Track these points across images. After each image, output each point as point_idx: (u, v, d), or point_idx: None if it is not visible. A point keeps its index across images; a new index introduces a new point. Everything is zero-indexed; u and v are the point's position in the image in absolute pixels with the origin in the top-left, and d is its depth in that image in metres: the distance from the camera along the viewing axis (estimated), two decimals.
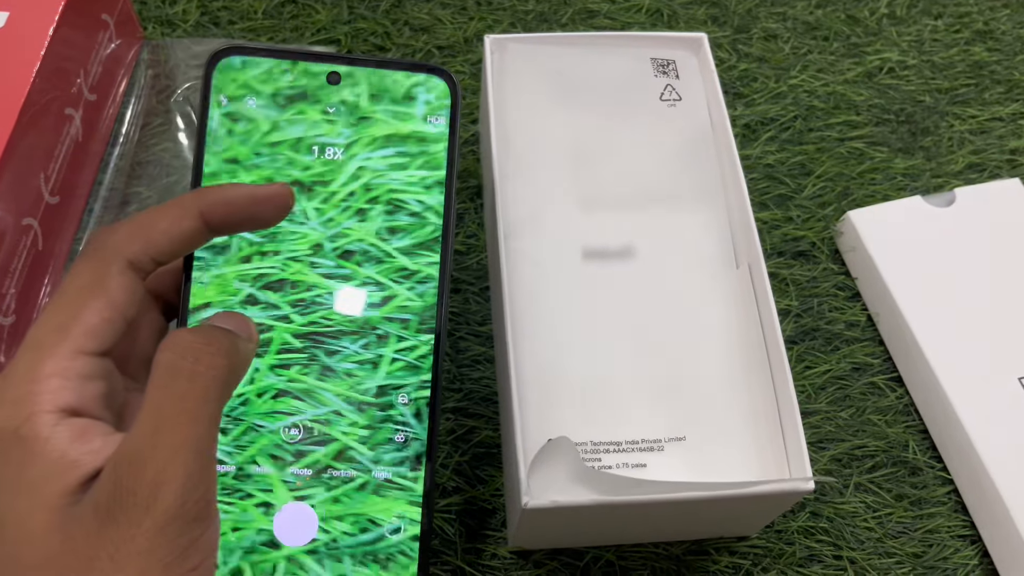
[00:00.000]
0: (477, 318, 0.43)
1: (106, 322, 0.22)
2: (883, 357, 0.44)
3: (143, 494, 0.19)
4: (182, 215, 0.24)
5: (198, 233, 0.24)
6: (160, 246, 0.24)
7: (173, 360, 0.21)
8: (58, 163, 0.42)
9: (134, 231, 0.23)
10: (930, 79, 0.53)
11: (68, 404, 0.21)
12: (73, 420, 0.21)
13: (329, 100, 0.29)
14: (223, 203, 0.24)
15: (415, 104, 0.29)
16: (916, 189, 0.49)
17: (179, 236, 0.24)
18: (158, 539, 0.19)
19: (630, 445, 0.35)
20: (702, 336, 0.37)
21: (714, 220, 0.39)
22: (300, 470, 0.28)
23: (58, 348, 0.22)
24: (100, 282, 0.23)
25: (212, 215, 0.24)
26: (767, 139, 0.49)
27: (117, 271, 0.23)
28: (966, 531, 0.39)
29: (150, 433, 0.20)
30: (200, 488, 0.20)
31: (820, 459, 0.41)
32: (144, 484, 0.20)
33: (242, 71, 0.28)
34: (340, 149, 0.29)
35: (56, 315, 0.22)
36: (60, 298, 0.23)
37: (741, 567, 0.38)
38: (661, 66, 0.43)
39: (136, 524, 0.19)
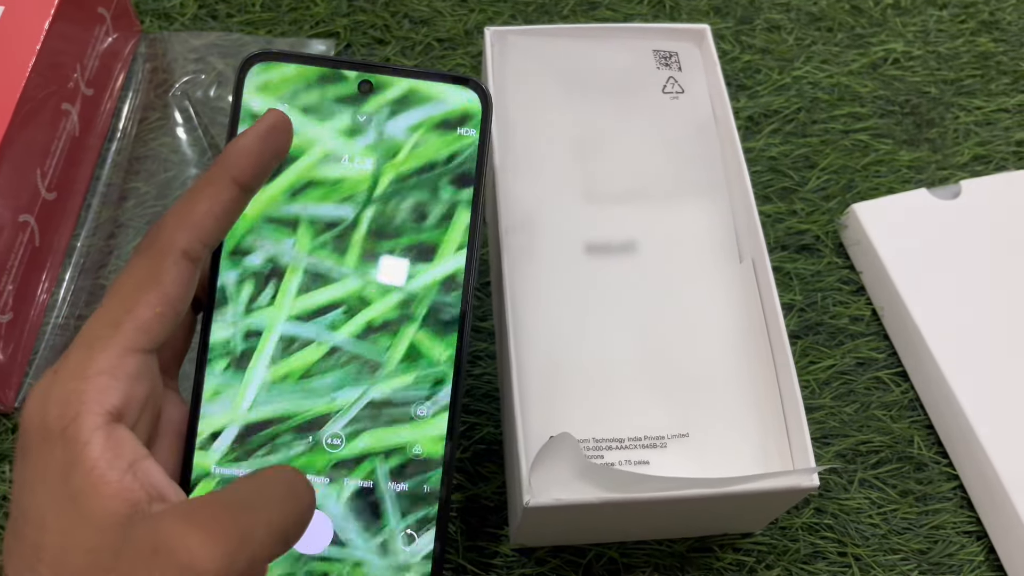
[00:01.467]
0: (478, 314, 0.42)
1: (158, 316, 0.23)
2: (888, 352, 0.43)
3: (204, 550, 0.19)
4: (218, 189, 0.24)
5: (237, 200, 0.25)
6: (207, 228, 0.24)
7: (290, 476, 0.22)
8: (55, 159, 0.42)
9: (180, 220, 0.24)
10: (935, 70, 0.52)
11: (114, 406, 0.21)
12: (111, 428, 0.21)
13: (360, 109, 0.28)
14: (248, 157, 0.24)
15: (446, 117, 0.29)
16: (921, 182, 0.48)
17: (222, 211, 0.24)
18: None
19: (633, 442, 0.34)
20: (705, 331, 0.36)
21: (717, 214, 0.39)
22: (316, 478, 0.27)
23: (109, 343, 0.22)
24: (155, 276, 0.23)
25: (243, 175, 0.24)
26: (770, 131, 0.49)
27: (171, 263, 0.23)
28: (972, 527, 0.39)
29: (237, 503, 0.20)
30: (251, 572, 0.20)
31: (824, 455, 0.40)
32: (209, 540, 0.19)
33: (274, 77, 0.28)
34: (370, 159, 0.28)
35: (110, 310, 0.22)
36: (115, 292, 0.23)
37: (745, 564, 0.37)
38: (664, 58, 0.42)
39: (179, 571, 0.19)
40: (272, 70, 0.28)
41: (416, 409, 0.28)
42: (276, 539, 0.21)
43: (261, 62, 0.28)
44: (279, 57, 0.28)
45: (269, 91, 0.28)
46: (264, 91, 0.28)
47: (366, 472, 0.27)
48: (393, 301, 0.28)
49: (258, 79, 0.28)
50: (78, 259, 0.43)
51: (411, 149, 0.29)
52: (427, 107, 0.29)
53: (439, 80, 0.29)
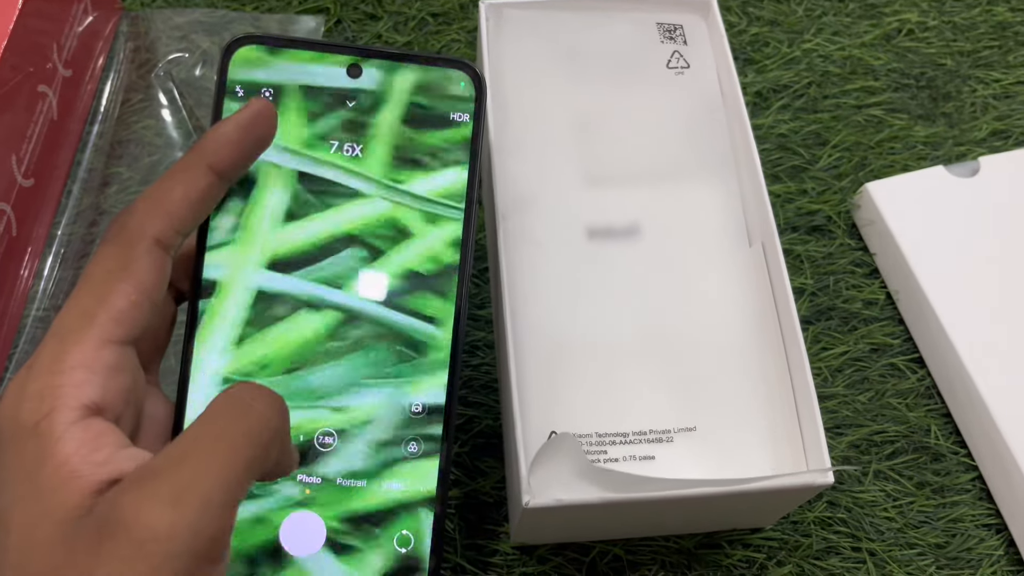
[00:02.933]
0: (476, 301, 0.41)
1: (134, 306, 0.22)
2: (903, 337, 0.42)
3: (151, 516, 0.18)
4: (194, 175, 0.23)
5: (214, 187, 0.24)
6: (182, 215, 0.23)
7: (230, 394, 0.20)
8: (32, 144, 0.40)
9: (152, 207, 0.23)
10: (951, 41, 0.50)
11: (91, 400, 0.20)
12: (89, 422, 0.20)
13: (349, 94, 0.27)
14: (227, 145, 0.24)
15: (438, 100, 0.28)
16: (938, 158, 0.46)
17: (198, 198, 0.23)
18: (160, 570, 0.18)
19: (637, 436, 0.33)
20: (713, 319, 0.35)
21: (725, 195, 0.37)
22: (309, 478, 0.26)
23: (84, 336, 0.21)
24: (126, 265, 0.22)
25: (221, 162, 0.24)
26: (780, 107, 0.47)
27: (143, 251, 0.22)
28: (991, 520, 0.38)
29: (177, 457, 0.19)
30: (218, 521, 0.19)
31: (837, 445, 0.39)
32: (157, 505, 0.18)
33: (258, 61, 0.27)
34: (359, 145, 0.27)
35: (81, 301, 0.21)
36: (85, 283, 0.22)
37: (755, 561, 0.36)
38: (668, 31, 0.40)
39: (139, 545, 0.18)
40: (257, 54, 0.27)
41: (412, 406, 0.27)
42: (241, 474, 0.19)
43: (245, 45, 0.27)
44: (264, 41, 0.27)
45: (254, 76, 0.27)
46: (249, 76, 0.27)
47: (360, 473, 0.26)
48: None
49: (243, 64, 0.27)
50: (59, 248, 0.41)
51: (402, 134, 0.28)
52: (419, 91, 0.28)
53: (431, 63, 0.28)
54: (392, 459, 0.27)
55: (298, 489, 0.26)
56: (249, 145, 0.24)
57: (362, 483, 0.26)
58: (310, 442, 0.26)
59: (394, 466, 0.27)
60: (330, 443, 0.27)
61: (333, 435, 0.27)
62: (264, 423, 0.20)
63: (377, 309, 0.27)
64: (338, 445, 0.26)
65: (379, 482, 0.26)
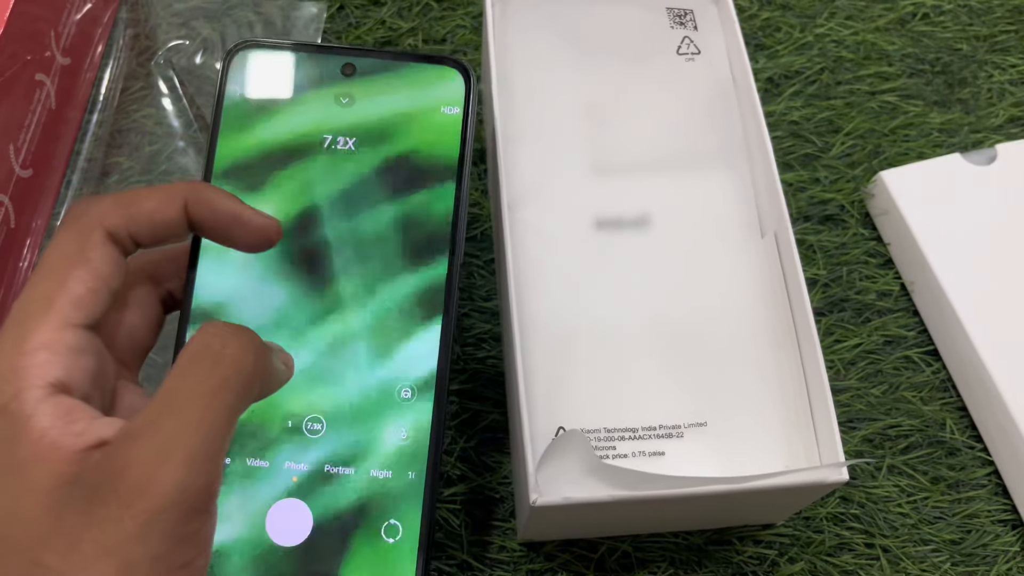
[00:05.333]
0: (482, 293, 0.40)
1: (91, 292, 0.22)
2: (918, 329, 0.41)
3: (137, 475, 0.18)
4: (168, 201, 0.23)
5: (180, 224, 0.24)
6: (141, 225, 0.23)
7: (200, 342, 0.20)
8: (29, 133, 0.39)
9: (117, 204, 0.23)
10: (967, 25, 0.49)
11: (57, 378, 0.20)
12: (59, 398, 0.20)
13: (343, 92, 0.29)
14: (208, 206, 0.24)
15: (429, 95, 0.29)
16: (954, 146, 0.45)
17: (161, 221, 0.23)
18: (150, 526, 0.18)
19: (647, 432, 0.32)
20: (724, 311, 0.34)
21: (736, 184, 0.36)
22: (296, 465, 0.26)
23: (45, 319, 0.21)
24: (82, 252, 0.22)
25: (194, 213, 0.24)
26: (792, 94, 0.46)
27: (98, 241, 0.22)
28: (1007, 515, 0.37)
29: (157, 413, 0.19)
30: (205, 475, 0.19)
31: (851, 440, 0.38)
32: (139, 463, 0.18)
33: (258, 64, 0.29)
34: (352, 141, 0.28)
35: (40, 286, 0.21)
36: (42, 269, 0.22)
37: (767, 557, 0.35)
38: (678, 16, 0.39)
39: (126, 504, 0.18)
40: (256, 58, 0.29)
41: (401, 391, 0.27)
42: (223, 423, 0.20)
43: (244, 50, 0.29)
44: (263, 45, 0.29)
45: (254, 80, 0.28)
46: (248, 79, 0.28)
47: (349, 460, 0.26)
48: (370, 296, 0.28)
49: (242, 68, 0.29)
50: None
51: (394, 130, 0.29)
52: (410, 88, 0.29)
53: (420, 61, 0.29)
54: (380, 446, 0.26)
55: (284, 477, 0.26)
56: (225, 232, 0.24)
57: (350, 470, 0.26)
58: (298, 428, 0.27)
59: (382, 453, 0.26)
60: (318, 429, 0.27)
61: (321, 421, 0.27)
62: (238, 367, 0.20)
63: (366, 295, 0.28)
64: (326, 431, 0.27)
65: (367, 469, 0.26)
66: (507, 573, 0.35)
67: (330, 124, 0.28)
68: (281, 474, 0.26)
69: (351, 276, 0.28)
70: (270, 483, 0.26)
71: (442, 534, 0.35)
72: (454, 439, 0.37)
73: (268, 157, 0.28)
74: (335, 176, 0.28)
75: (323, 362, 0.27)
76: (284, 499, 0.26)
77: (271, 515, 0.26)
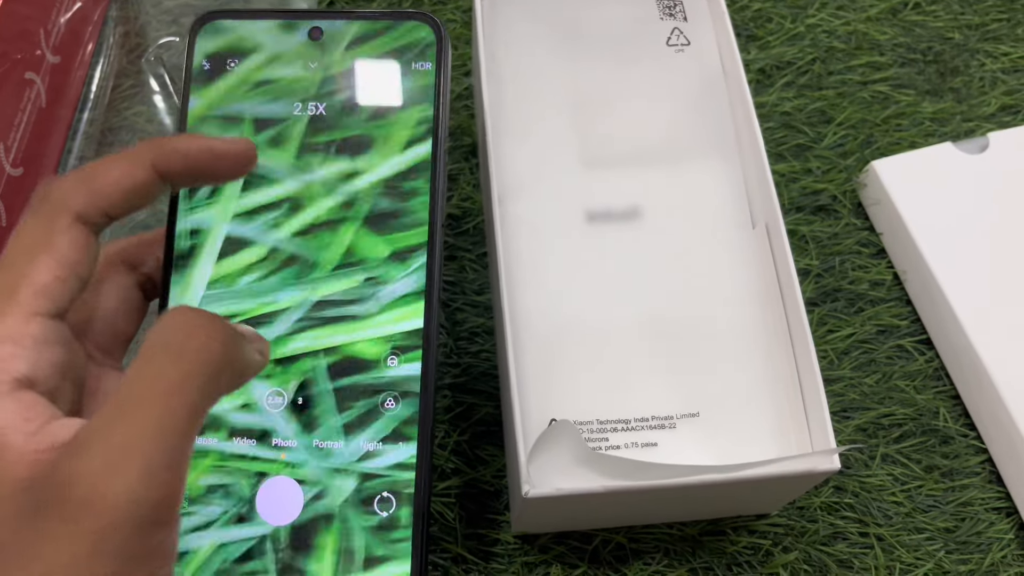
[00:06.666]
0: (474, 287, 0.40)
1: (58, 280, 0.21)
2: (911, 318, 0.41)
3: (86, 487, 0.17)
4: (133, 165, 0.22)
5: (151, 184, 0.23)
6: (111, 198, 0.22)
7: (160, 332, 0.19)
8: (19, 132, 0.39)
9: (80, 181, 0.22)
10: (959, 14, 0.49)
11: (22, 373, 0.19)
12: (21, 394, 0.19)
13: (311, 56, 0.28)
14: (179, 154, 0.23)
15: (400, 54, 0.28)
16: (946, 135, 0.45)
17: (131, 187, 0.22)
18: (104, 542, 0.17)
19: (639, 423, 0.32)
20: (716, 302, 0.34)
21: (727, 175, 0.36)
22: (284, 441, 0.26)
23: (8, 310, 0.20)
24: (47, 238, 0.21)
25: (167, 166, 0.23)
26: (783, 85, 0.46)
27: (64, 225, 0.21)
28: (1001, 503, 0.37)
29: (108, 417, 0.18)
30: (163, 487, 0.17)
31: (844, 429, 0.38)
32: (87, 474, 0.17)
33: (224, 35, 0.28)
34: (322, 104, 0.28)
35: (3, 276, 0.21)
36: (7, 257, 0.21)
37: (761, 547, 0.35)
38: (667, 7, 0.39)
39: (74, 522, 0.17)
40: (223, 29, 0.28)
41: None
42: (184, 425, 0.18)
43: (210, 21, 0.28)
44: (229, 15, 0.28)
45: (221, 50, 0.28)
46: (215, 49, 0.28)
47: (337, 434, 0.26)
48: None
49: (209, 39, 0.28)
50: None
51: (366, 90, 0.28)
52: (380, 47, 0.28)
53: (389, 19, 0.29)
54: (369, 418, 0.26)
55: (273, 454, 0.26)
56: (203, 170, 0.23)
57: (339, 444, 0.26)
58: (283, 402, 0.26)
59: (371, 425, 0.26)
60: (303, 403, 0.26)
61: (309, 394, 0.26)
62: (203, 360, 0.19)
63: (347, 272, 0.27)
64: (313, 404, 0.26)
65: (357, 443, 0.26)
66: (502, 566, 0.35)
67: (300, 90, 0.28)
68: (269, 451, 0.26)
69: (331, 247, 0.27)
70: (258, 460, 0.26)
71: (437, 527, 0.35)
72: (448, 433, 0.37)
73: (239, 129, 0.28)
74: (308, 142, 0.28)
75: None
76: (274, 477, 0.26)
77: (260, 494, 0.26)
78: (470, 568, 0.34)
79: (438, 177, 0.28)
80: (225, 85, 0.28)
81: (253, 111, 0.28)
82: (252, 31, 0.28)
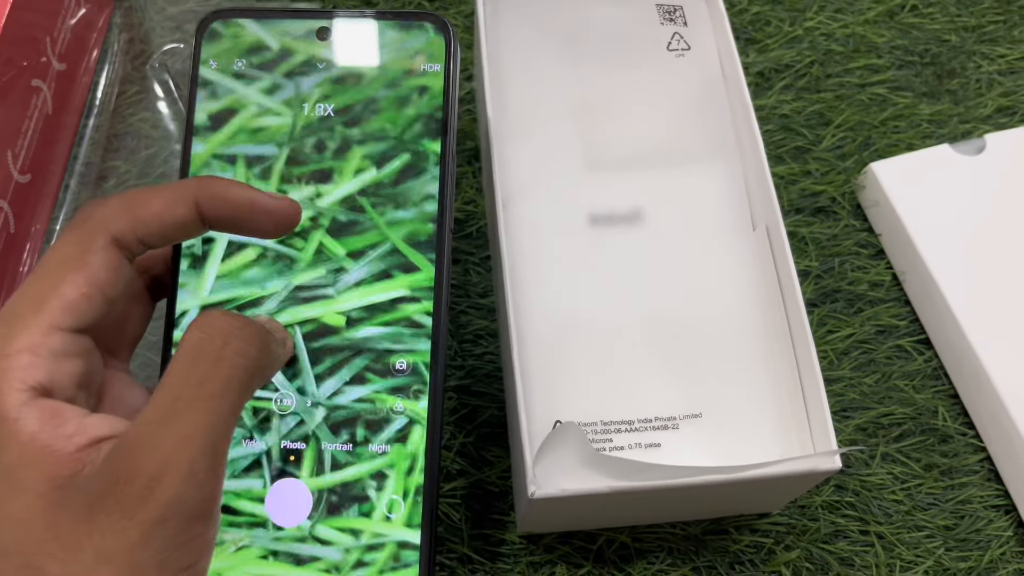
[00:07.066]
0: (478, 290, 0.40)
1: (84, 298, 0.21)
2: (910, 318, 0.41)
3: (140, 484, 0.18)
4: (177, 200, 0.23)
5: (191, 223, 0.23)
6: (150, 228, 0.22)
7: (200, 341, 0.20)
8: (27, 139, 0.39)
9: (124, 207, 0.22)
10: (956, 16, 0.49)
11: (38, 382, 0.20)
12: (43, 401, 0.20)
13: (319, 56, 0.28)
14: (222, 200, 0.23)
15: (408, 53, 0.28)
16: (943, 137, 0.45)
17: (171, 221, 0.23)
18: (152, 533, 0.18)
19: (643, 424, 0.33)
20: (717, 304, 0.34)
21: (728, 178, 0.37)
22: (293, 444, 0.26)
23: (32, 322, 0.21)
24: (82, 256, 0.22)
25: (208, 209, 0.23)
26: (782, 87, 0.46)
27: (101, 246, 0.22)
28: (1000, 501, 0.37)
29: (160, 419, 0.19)
30: (206, 485, 0.19)
31: (844, 429, 0.38)
32: (143, 473, 0.18)
33: (231, 34, 0.28)
34: (330, 105, 0.28)
35: (33, 287, 0.21)
36: (40, 269, 0.22)
37: (763, 546, 0.36)
38: (667, 13, 0.40)
39: (129, 515, 0.18)
40: (230, 28, 0.28)
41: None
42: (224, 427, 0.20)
43: (217, 20, 0.28)
44: (236, 14, 0.28)
45: (228, 50, 0.28)
46: (222, 50, 0.28)
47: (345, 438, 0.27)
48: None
49: (216, 39, 0.28)
50: None
51: (375, 91, 0.28)
52: (388, 48, 0.28)
53: (397, 19, 0.29)
54: (377, 419, 0.27)
55: (282, 456, 0.26)
56: (243, 221, 0.24)
57: (348, 446, 0.26)
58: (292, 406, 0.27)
59: (381, 427, 0.26)
60: (312, 406, 0.27)
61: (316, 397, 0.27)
62: (240, 365, 0.20)
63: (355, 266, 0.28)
64: (320, 407, 0.27)
65: (365, 445, 0.26)
66: (507, 566, 0.35)
67: (308, 90, 0.28)
68: (278, 453, 0.26)
69: (336, 246, 0.28)
70: (268, 464, 0.26)
71: (443, 528, 0.35)
72: (453, 434, 0.37)
73: (246, 128, 0.28)
74: (316, 143, 0.28)
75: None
76: (282, 479, 0.26)
77: (270, 496, 0.26)
78: (476, 568, 0.35)
79: (447, 173, 0.28)
80: (233, 86, 0.28)
81: (260, 112, 0.28)
82: (259, 30, 0.28)
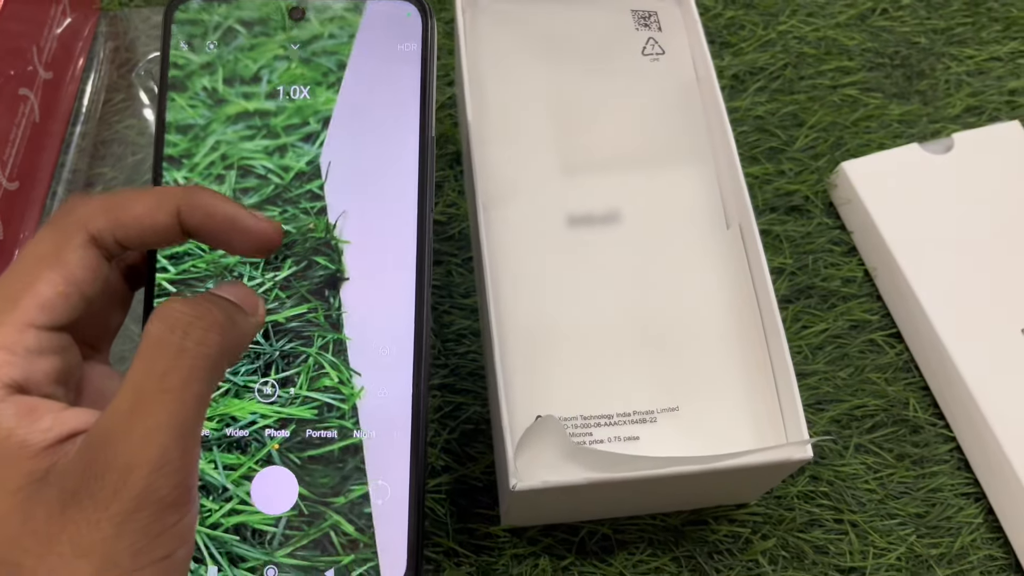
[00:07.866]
0: (461, 290, 0.41)
1: (61, 296, 0.21)
2: (881, 313, 0.42)
3: (112, 477, 0.18)
4: (159, 206, 0.22)
5: (171, 231, 0.23)
6: (128, 230, 0.22)
7: (159, 333, 0.20)
8: (14, 147, 0.40)
9: (105, 207, 0.22)
10: (925, 19, 0.51)
11: (13, 380, 0.20)
12: (18, 398, 0.20)
13: (292, 37, 0.28)
14: (203, 211, 0.23)
15: (384, 33, 0.28)
16: (912, 136, 0.47)
17: (151, 226, 0.22)
18: (126, 525, 0.18)
19: (622, 418, 0.33)
20: (693, 301, 0.35)
21: (702, 178, 0.38)
22: (278, 431, 0.26)
23: (6, 319, 0.21)
24: (58, 253, 0.21)
25: (189, 219, 0.23)
26: (756, 90, 0.48)
27: (78, 244, 0.22)
28: (970, 489, 0.38)
29: (125, 412, 0.19)
30: (178, 474, 0.19)
31: (818, 421, 0.39)
32: (114, 466, 0.18)
33: (201, 16, 0.28)
34: (306, 88, 0.28)
35: (9, 285, 0.21)
36: (17, 266, 0.21)
37: (740, 535, 0.37)
38: (642, 18, 0.41)
39: (102, 508, 0.18)
40: (199, 11, 0.28)
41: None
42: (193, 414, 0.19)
43: (186, 3, 0.28)
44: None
45: (198, 33, 0.28)
46: (193, 34, 0.28)
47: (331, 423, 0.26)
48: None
49: (186, 22, 0.28)
50: None
51: (350, 72, 0.27)
52: (363, 28, 0.28)
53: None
54: (364, 404, 0.26)
55: (267, 443, 0.26)
56: (221, 236, 0.23)
57: (332, 433, 0.26)
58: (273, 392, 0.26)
59: (367, 411, 0.26)
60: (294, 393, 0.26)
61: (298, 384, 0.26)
62: (202, 354, 0.20)
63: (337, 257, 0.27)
64: (304, 394, 0.26)
65: (350, 431, 0.26)
66: (492, 558, 0.36)
67: (281, 73, 0.27)
68: (261, 441, 0.26)
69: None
70: (252, 450, 0.26)
71: (428, 522, 0.36)
72: (437, 432, 0.38)
73: (219, 112, 0.27)
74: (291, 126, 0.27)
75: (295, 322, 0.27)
76: (267, 467, 0.26)
77: (255, 484, 0.26)
78: (461, 561, 0.36)
79: (427, 162, 0.27)
80: (204, 70, 0.27)
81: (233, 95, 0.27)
82: (230, 13, 0.28)
